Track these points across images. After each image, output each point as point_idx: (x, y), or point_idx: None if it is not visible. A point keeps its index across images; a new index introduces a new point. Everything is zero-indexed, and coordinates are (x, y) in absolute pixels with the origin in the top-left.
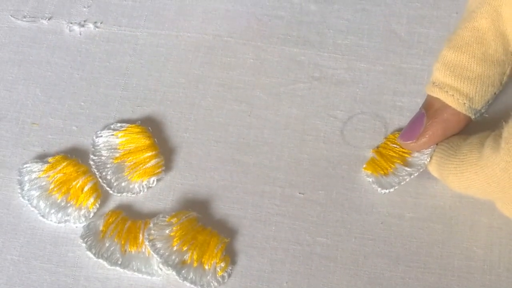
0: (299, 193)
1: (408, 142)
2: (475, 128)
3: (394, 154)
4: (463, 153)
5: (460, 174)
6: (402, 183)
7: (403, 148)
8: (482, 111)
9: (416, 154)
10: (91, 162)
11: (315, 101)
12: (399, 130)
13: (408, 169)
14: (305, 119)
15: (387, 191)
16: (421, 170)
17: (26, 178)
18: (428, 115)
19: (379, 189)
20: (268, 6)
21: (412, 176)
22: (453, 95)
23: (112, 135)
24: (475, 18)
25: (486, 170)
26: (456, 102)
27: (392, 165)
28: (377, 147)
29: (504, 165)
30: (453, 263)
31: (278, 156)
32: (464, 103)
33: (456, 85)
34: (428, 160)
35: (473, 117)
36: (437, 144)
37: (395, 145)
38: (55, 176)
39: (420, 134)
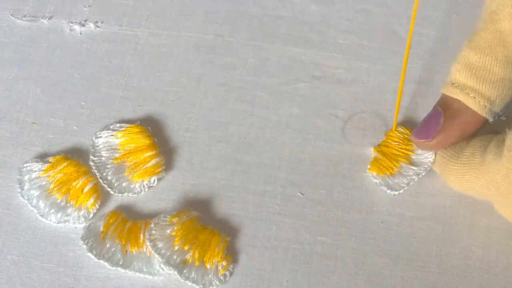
0: (300, 193)
1: (423, 140)
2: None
3: (397, 152)
4: (465, 155)
5: (460, 176)
6: (411, 184)
7: (406, 145)
8: (500, 114)
9: (420, 152)
10: (91, 163)
11: (316, 100)
12: (400, 125)
13: (415, 168)
14: (306, 118)
15: (396, 193)
16: (428, 169)
17: (26, 177)
18: (446, 115)
19: (388, 191)
20: (269, 6)
21: (420, 176)
22: (474, 97)
23: (112, 135)
24: (497, 20)
25: (487, 175)
26: (477, 105)
27: (397, 164)
28: (378, 145)
29: (505, 172)
30: (452, 262)
31: (279, 156)
32: (485, 106)
33: (478, 87)
34: (432, 157)
35: (491, 120)
36: None
37: (396, 143)
38: (55, 176)
39: (436, 133)
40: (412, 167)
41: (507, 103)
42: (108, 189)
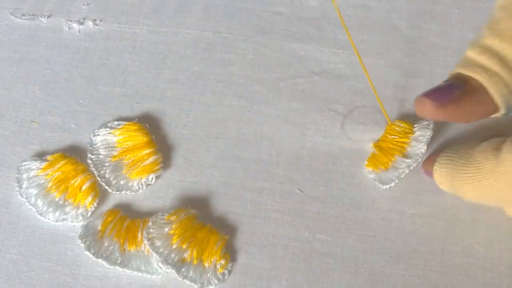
0: (299, 190)
1: (433, 102)
2: (477, 135)
3: (393, 146)
4: (477, 160)
5: (477, 182)
6: (401, 177)
7: (402, 138)
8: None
9: (413, 143)
10: (89, 161)
11: (315, 95)
12: (399, 119)
13: (407, 160)
14: (305, 113)
15: (387, 186)
16: (419, 160)
17: (24, 176)
18: (462, 89)
19: (380, 185)
20: (267, 2)
21: (411, 168)
22: (497, 82)
23: (110, 133)
24: None
25: (508, 175)
26: (498, 91)
27: (392, 158)
28: (378, 140)
29: None
30: (454, 260)
31: (277, 152)
32: (504, 95)
33: (502, 74)
34: (425, 148)
35: (503, 112)
36: (442, 153)
37: (394, 136)
38: (54, 175)
39: (449, 101)
40: (405, 160)
41: None
42: (106, 187)
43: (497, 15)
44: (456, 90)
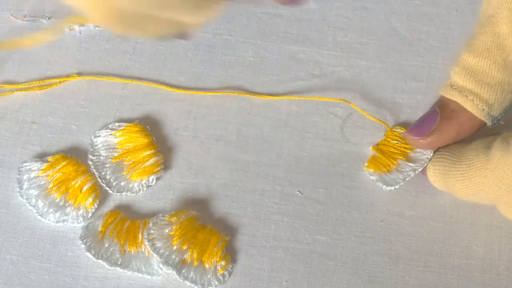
0: (299, 192)
1: (417, 138)
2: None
3: (395, 151)
4: (468, 158)
5: (467, 180)
6: (407, 179)
7: (404, 144)
8: (498, 118)
9: (418, 149)
10: (90, 162)
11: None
12: (399, 125)
13: (412, 164)
14: (304, 117)
15: (392, 188)
16: (425, 165)
17: (25, 176)
18: (442, 115)
19: (383, 186)
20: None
21: (416, 172)
22: (472, 100)
23: (110, 134)
24: (495, 23)
25: (497, 172)
26: (475, 108)
27: (394, 161)
28: (377, 144)
29: None
30: (453, 261)
31: (277, 154)
32: (483, 109)
33: (477, 90)
34: (431, 154)
35: (489, 123)
36: (435, 152)
37: (396, 141)
38: (54, 176)
39: (431, 132)
40: (409, 164)
41: (506, 108)
42: (107, 188)
43: (474, 30)
44: (437, 119)
